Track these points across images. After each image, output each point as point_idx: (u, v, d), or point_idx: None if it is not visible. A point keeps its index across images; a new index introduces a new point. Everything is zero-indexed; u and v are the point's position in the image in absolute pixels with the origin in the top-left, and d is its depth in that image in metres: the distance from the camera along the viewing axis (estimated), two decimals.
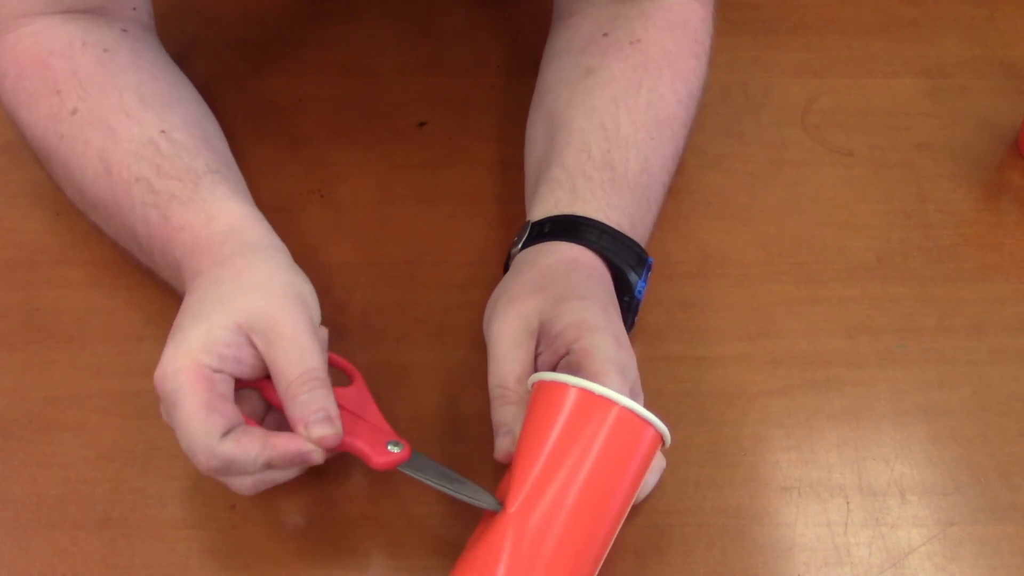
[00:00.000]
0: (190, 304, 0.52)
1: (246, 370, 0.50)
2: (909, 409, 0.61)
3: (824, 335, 0.64)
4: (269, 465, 0.48)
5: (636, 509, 0.56)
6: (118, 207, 0.58)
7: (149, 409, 0.59)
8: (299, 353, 0.50)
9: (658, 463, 0.55)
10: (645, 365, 0.61)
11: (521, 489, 0.47)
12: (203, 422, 0.47)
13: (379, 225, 0.68)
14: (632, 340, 0.62)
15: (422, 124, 0.74)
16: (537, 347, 0.53)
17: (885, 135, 0.75)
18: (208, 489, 0.56)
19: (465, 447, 0.58)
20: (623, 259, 0.58)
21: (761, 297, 0.66)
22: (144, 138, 0.58)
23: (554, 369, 0.52)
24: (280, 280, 0.53)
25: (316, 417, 0.49)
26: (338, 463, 0.57)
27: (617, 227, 0.58)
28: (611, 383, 0.49)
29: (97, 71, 0.60)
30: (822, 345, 0.63)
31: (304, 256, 0.66)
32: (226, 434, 0.48)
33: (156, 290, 0.63)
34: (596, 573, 0.49)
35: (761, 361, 0.63)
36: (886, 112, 0.76)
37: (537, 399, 0.50)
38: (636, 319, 0.61)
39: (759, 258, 0.67)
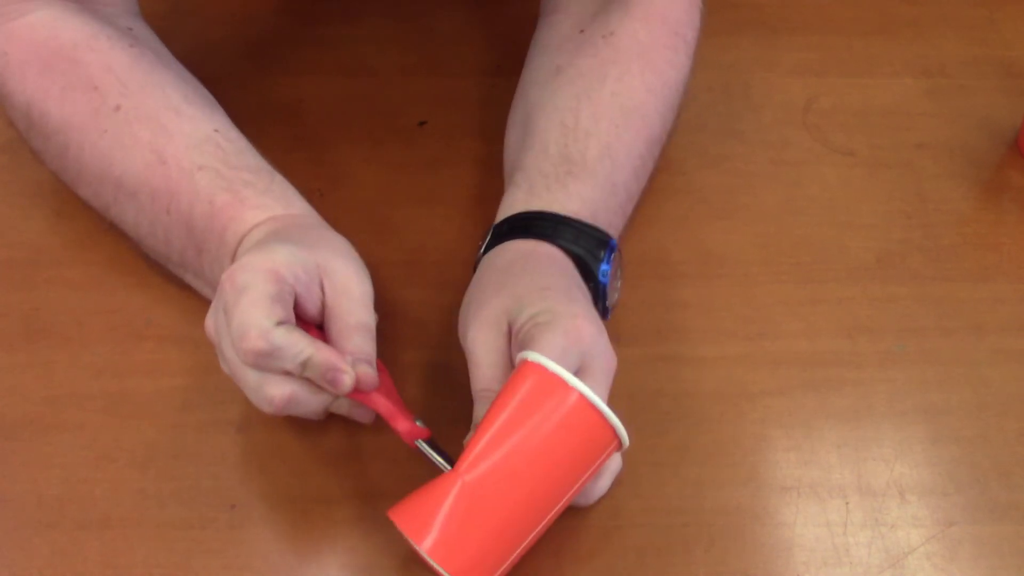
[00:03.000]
0: (272, 235, 0.54)
1: (307, 303, 0.52)
2: (909, 409, 0.61)
3: (824, 335, 0.64)
4: (307, 367, 0.49)
5: (636, 509, 0.56)
6: (170, 194, 0.58)
7: (149, 409, 0.59)
8: (361, 307, 0.53)
9: (613, 464, 0.55)
10: (645, 365, 0.62)
11: (471, 451, 0.49)
12: (267, 307, 0.49)
13: (379, 225, 0.68)
14: (631, 340, 0.63)
15: (422, 124, 0.74)
16: (511, 344, 0.53)
17: (885, 135, 0.75)
18: (208, 489, 0.56)
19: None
20: (581, 246, 0.58)
21: (761, 297, 0.66)
22: (200, 135, 0.59)
23: None
24: (357, 256, 0.56)
25: (363, 357, 0.51)
26: (340, 463, 0.57)
27: (575, 215, 0.59)
28: (540, 356, 0.49)
29: (133, 67, 0.60)
30: (822, 345, 0.63)
31: None
32: (280, 324, 0.49)
33: (156, 290, 0.63)
34: (520, 546, 0.50)
35: (761, 361, 0.63)
36: (886, 112, 0.76)
37: (510, 378, 0.51)
38: (611, 304, 0.61)
39: (759, 258, 0.67)
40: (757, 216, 0.70)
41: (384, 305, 0.64)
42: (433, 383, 0.61)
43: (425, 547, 0.47)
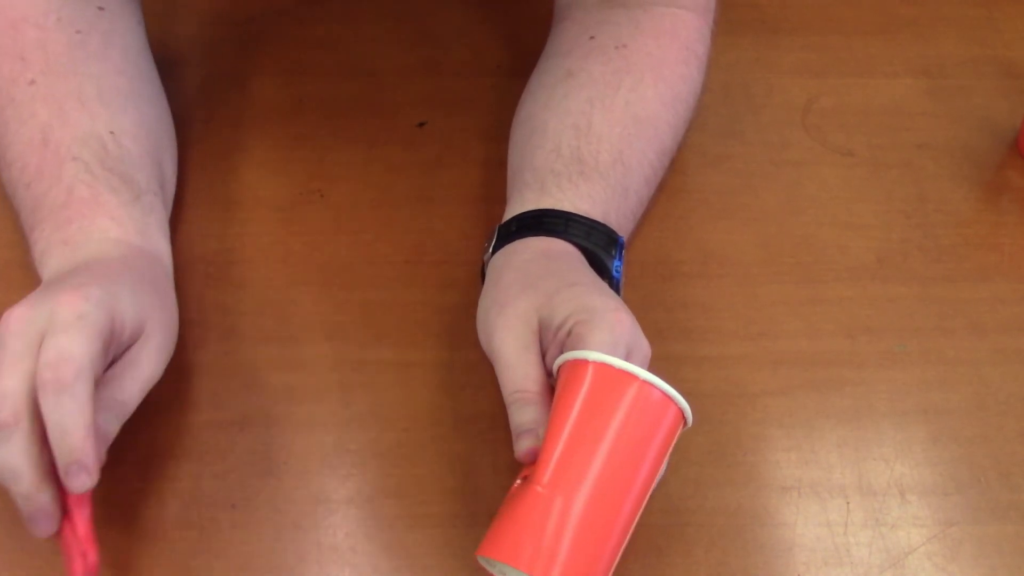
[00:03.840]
0: (123, 272, 0.53)
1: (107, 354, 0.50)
2: (909, 409, 0.61)
3: (824, 335, 0.64)
4: (64, 433, 0.46)
5: None
6: (38, 172, 0.58)
7: (149, 409, 0.59)
8: (137, 392, 0.51)
9: None
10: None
11: (548, 464, 0.47)
12: (96, 350, 0.47)
13: (379, 225, 0.68)
14: None
15: (422, 124, 0.74)
16: (541, 344, 0.53)
17: (885, 135, 0.75)
18: (208, 489, 0.56)
19: (465, 447, 0.58)
20: (593, 243, 0.58)
21: (761, 297, 0.66)
22: (92, 131, 0.59)
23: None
24: (175, 332, 0.56)
25: (104, 436, 0.49)
26: (340, 463, 0.57)
27: (586, 214, 0.58)
28: (596, 353, 0.49)
29: (65, 53, 0.60)
30: (822, 345, 0.63)
31: (304, 256, 0.66)
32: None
33: None
34: (622, 548, 0.49)
35: (761, 361, 0.63)
36: (886, 112, 0.76)
37: (562, 380, 0.50)
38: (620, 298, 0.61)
39: (759, 258, 0.67)
40: (757, 216, 0.70)
41: (384, 305, 0.64)
42: (434, 384, 0.61)
43: (524, 567, 0.46)
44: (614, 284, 0.59)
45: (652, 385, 0.48)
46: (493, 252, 0.59)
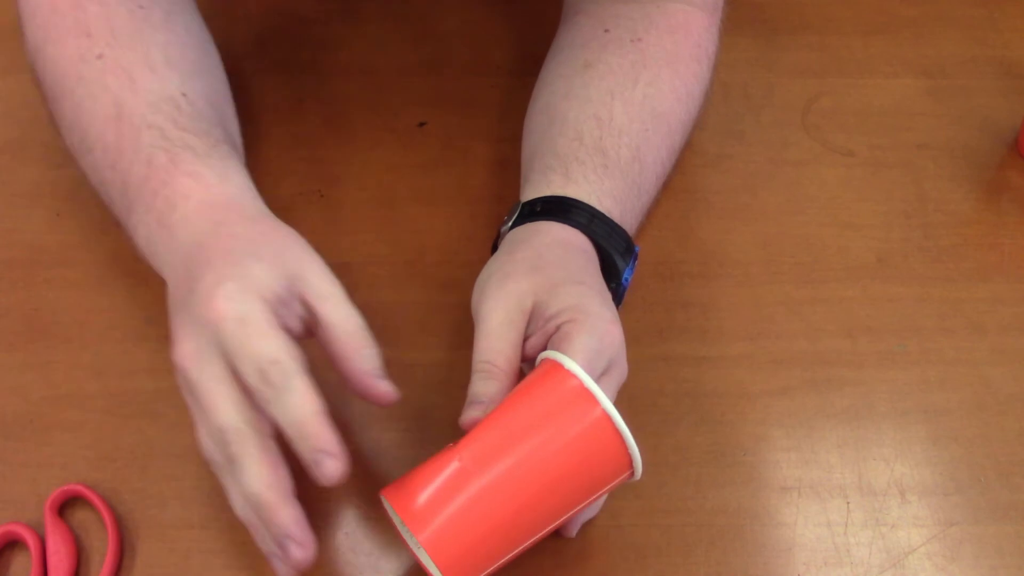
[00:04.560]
0: (233, 247, 0.51)
1: (287, 320, 0.49)
2: (909, 409, 0.61)
3: (824, 335, 0.64)
4: (303, 426, 0.46)
5: (636, 509, 0.56)
6: (118, 150, 0.57)
7: (149, 409, 0.59)
8: (349, 307, 0.50)
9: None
10: (645, 365, 0.62)
11: (476, 438, 0.48)
12: (276, 336, 0.47)
13: (379, 225, 0.68)
14: (631, 339, 0.62)
15: (422, 124, 0.74)
16: (527, 327, 0.53)
17: (885, 135, 0.75)
18: (208, 489, 0.56)
19: None
20: (612, 245, 0.58)
21: (761, 297, 0.66)
22: (164, 94, 0.58)
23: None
24: (309, 246, 0.53)
25: (376, 372, 0.50)
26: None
27: (608, 213, 0.58)
28: (578, 357, 0.49)
29: (129, 23, 0.60)
30: (822, 345, 0.63)
31: None
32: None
33: (156, 290, 0.63)
34: (510, 551, 0.49)
35: (761, 361, 0.63)
36: (886, 112, 0.76)
37: (535, 372, 0.50)
38: (621, 307, 0.61)
39: (759, 258, 0.67)
40: (757, 216, 0.70)
41: (384, 305, 0.64)
42: (433, 384, 0.61)
43: (422, 539, 0.46)
44: (619, 292, 0.59)
45: (610, 418, 0.47)
46: (513, 226, 0.59)
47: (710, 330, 0.64)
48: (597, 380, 0.49)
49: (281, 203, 0.68)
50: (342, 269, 0.65)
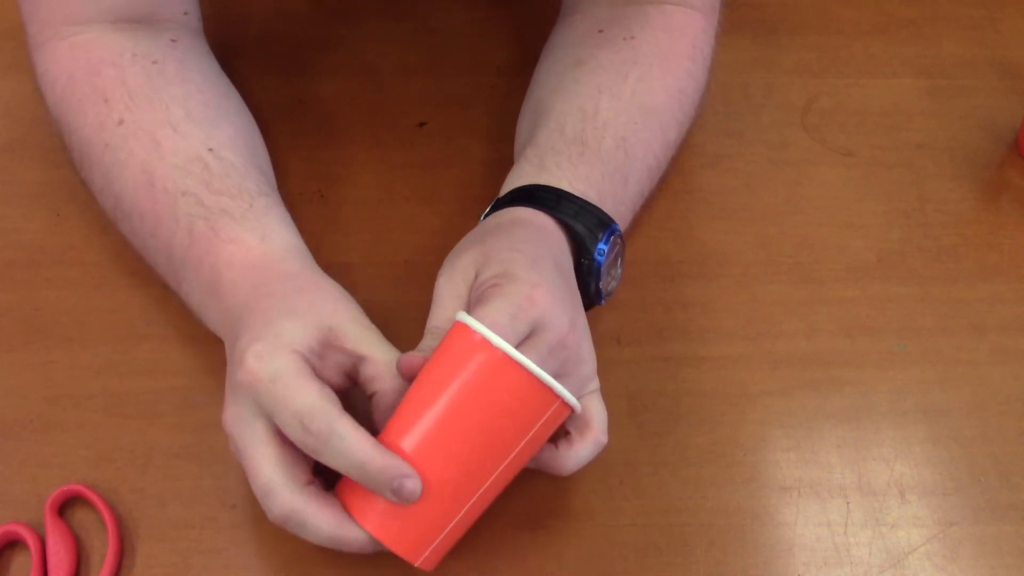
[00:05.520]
0: (269, 307, 0.52)
1: (327, 372, 0.51)
2: (909, 409, 0.61)
3: (824, 335, 0.64)
4: (364, 467, 0.47)
5: (636, 509, 0.56)
6: (156, 218, 0.57)
7: (149, 409, 0.59)
8: (390, 350, 0.52)
9: (592, 436, 0.53)
10: (646, 365, 0.62)
11: (399, 417, 0.49)
12: (311, 388, 0.47)
13: (379, 225, 0.68)
14: (631, 340, 0.63)
15: (422, 124, 0.74)
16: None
17: (885, 135, 0.75)
18: (208, 489, 0.56)
19: None
20: (581, 222, 0.57)
21: (761, 297, 0.66)
22: (191, 154, 0.58)
23: None
24: (349, 296, 0.55)
25: None
26: None
27: (581, 195, 0.58)
28: (484, 319, 0.48)
29: (145, 83, 0.60)
30: (822, 345, 0.63)
31: None
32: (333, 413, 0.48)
33: (156, 290, 0.63)
34: (464, 513, 0.49)
35: (761, 361, 0.63)
36: (886, 112, 0.76)
37: (445, 337, 0.50)
38: (606, 289, 0.60)
39: (759, 258, 0.67)
40: (757, 216, 0.70)
41: (384, 305, 0.64)
42: None
43: (366, 527, 0.48)
44: (595, 268, 0.58)
45: (503, 352, 0.47)
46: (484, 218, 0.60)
47: (710, 330, 0.64)
48: (518, 345, 0.48)
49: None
50: (342, 269, 0.65)
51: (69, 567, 0.53)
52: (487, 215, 0.60)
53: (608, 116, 0.62)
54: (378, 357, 0.51)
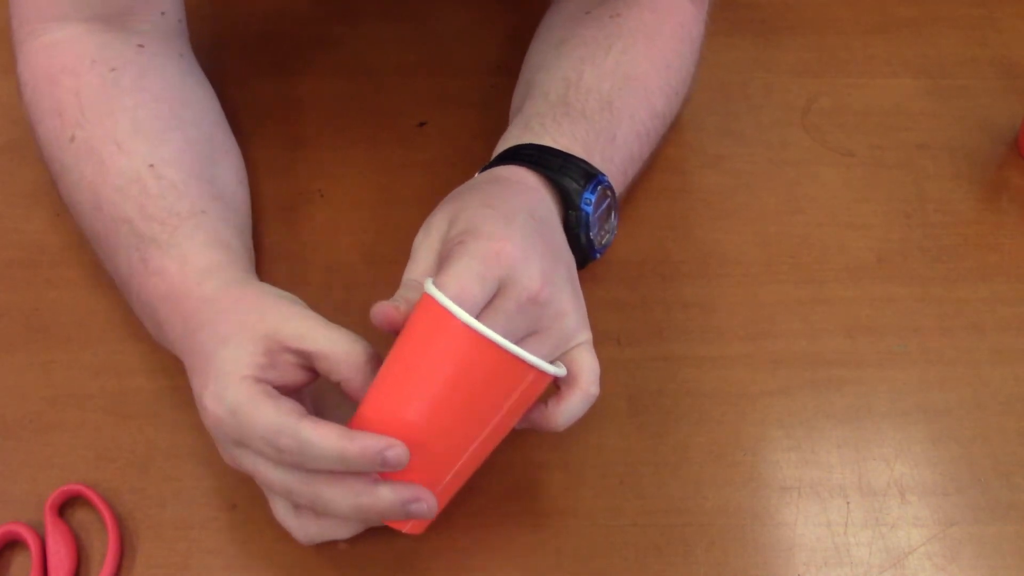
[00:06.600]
0: (203, 341, 0.51)
1: (286, 377, 0.50)
2: (909, 409, 0.61)
3: (824, 335, 0.64)
4: (344, 459, 0.47)
5: (636, 509, 0.56)
6: (107, 243, 0.58)
7: (149, 409, 0.59)
8: (332, 329, 0.51)
9: (581, 389, 0.52)
10: (646, 365, 0.62)
11: (375, 390, 0.49)
12: (276, 410, 0.47)
13: (379, 225, 0.68)
14: (631, 340, 0.63)
15: (422, 124, 0.74)
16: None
17: (885, 135, 0.75)
18: (208, 489, 0.56)
19: None
20: (567, 175, 0.57)
21: (761, 297, 0.66)
22: (132, 174, 0.57)
23: None
24: (279, 292, 0.54)
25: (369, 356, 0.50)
26: None
27: (566, 150, 0.58)
28: (451, 280, 0.48)
29: (99, 93, 0.59)
30: (822, 345, 0.63)
31: (304, 256, 0.66)
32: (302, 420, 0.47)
33: None
34: (447, 481, 0.50)
35: (761, 361, 0.63)
36: (886, 112, 0.76)
37: (415, 307, 0.50)
38: (599, 241, 0.60)
39: (759, 258, 0.67)
40: (757, 216, 0.70)
41: None
42: None
43: None
44: (583, 218, 0.57)
45: (468, 327, 0.47)
46: None
47: (710, 330, 0.64)
48: (489, 302, 0.48)
49: (281, 203, 0.68)
50: (342, 269, 0.66)
51: (69, 567, 0.53)
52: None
53: (591, 82, 0.62)
54: (325, 350, 0.50)
